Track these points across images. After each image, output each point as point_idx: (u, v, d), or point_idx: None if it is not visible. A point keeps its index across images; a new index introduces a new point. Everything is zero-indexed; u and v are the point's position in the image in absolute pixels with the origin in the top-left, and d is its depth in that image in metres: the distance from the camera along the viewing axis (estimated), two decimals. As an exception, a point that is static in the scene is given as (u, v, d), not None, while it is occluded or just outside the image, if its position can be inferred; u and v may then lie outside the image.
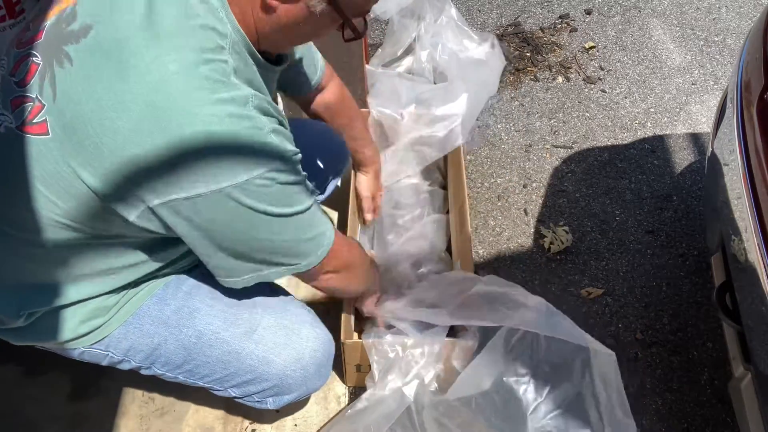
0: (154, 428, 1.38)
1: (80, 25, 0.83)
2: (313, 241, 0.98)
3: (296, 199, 0.92)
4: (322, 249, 0.99)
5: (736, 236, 1.20)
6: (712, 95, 2.34)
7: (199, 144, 0.79)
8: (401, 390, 1.21)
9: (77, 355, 1.08)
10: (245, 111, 0.82)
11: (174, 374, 1.12)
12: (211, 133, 0.79)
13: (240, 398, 1.17)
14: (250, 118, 0.82)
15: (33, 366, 1.46)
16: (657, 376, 1.54)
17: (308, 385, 1.16)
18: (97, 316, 1.03)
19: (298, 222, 0.94)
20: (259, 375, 1.10)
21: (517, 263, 1.79)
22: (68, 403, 1.41)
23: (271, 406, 1.17)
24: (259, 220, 0.88)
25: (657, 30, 2.64)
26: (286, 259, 0.97)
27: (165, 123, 0.78)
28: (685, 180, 2.03)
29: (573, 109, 2.29)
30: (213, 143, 0.79)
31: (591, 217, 1.92)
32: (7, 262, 0.97)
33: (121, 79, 0.79)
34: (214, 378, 1.12)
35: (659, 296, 1.71)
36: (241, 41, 0.86)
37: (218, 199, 0.83)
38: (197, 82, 0.79)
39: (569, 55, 2.51)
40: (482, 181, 2.03)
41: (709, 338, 1.61)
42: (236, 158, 0.82)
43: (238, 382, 1.12)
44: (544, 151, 2.14)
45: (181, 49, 0.79)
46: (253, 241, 0.92)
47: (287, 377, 1.12)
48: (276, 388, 1.13)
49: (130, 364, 1.11)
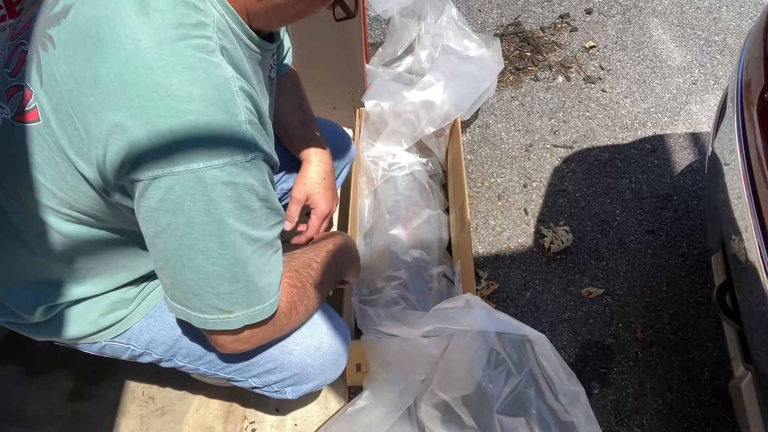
0: (154, 428, 1.38)
1: (61, 7, 0.82)
2: (255, 292, 0.84)
3: (256, 218, 0.81)
4: (260, 308, 0.86)
5: (737, 236, 1.20)
6: (712, 95, 2.34)
7: (163, 122, 0.74)
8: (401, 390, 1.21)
9: (97, 349, 1.08)
10: (219, 93, 0.76)
11: (195, 366, 1.12)
12: (177, 111, 0.74)
13: (260, 388, 1.15)
14: (224, 101, 0.76)
15: (33, 366, 1.46)
16: (657, 375, 1.54)
17: (327, 374, 1.15)
18: (119, 309, 1.03)
19: (249, 253, 0.81)
20: (279, 364, 1.10)
21: (517, 263, 1.79)
22: (68, 403, 1.41)
23: (290, 395, 1.16)
24: (199, 225, 0.77)
25: (657, 29, 2.64)
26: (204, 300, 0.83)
27: (133, 97, 0.74)
28: (685, 180, 2.03)
29: (573, 108, 2.29)
30: (178, 123, 0.74)
31: (591, 216, 1.92)
32: (19, 258, 0.96)
33: (96, 55, 0.76)
34: (235, 368, 1.11)
35: (659, 296, 1.71)
36: (229, 20, 0.82)
37: (171, 184, 0.75)
38: (171, 58, 0.74)
39: (569, 54, 2.51)
40: (482, 180, 2.03)
41: (710, 338, 1.61)
42: (200, 141, 0.74)
43: (259, 372, 1.11)
44: (544, 150, 2.14)
45: (157, 25, 0.76)
46: (184, 251, 0.79)
47: (307, 366, 1.11)
48: (296, 377, 1.12)
49: (151, 356, 1.10)
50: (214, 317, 0.85)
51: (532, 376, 1.14)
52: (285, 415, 1.40)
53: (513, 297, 1.71)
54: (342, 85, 1.83)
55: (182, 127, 0.74)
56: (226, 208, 0.77)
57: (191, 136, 0.74)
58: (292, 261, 1.00)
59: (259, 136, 0.79)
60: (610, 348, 1.60)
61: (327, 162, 1.27)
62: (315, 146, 1.26)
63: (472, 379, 1.14)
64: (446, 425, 1.15)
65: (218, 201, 0.76)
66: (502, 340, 1.16)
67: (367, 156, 1.80)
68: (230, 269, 0.81)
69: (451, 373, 1.17)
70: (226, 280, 0.82)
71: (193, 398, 1.41)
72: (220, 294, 0.83)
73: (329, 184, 1.26)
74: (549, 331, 1.63)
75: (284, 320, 0.94)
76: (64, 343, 1.08)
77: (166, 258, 0.81)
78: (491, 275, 1.76)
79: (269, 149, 0.82)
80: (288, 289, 0.94)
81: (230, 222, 0.78)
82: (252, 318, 0.86)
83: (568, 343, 1.61)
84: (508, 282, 1.75)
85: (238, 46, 0.84)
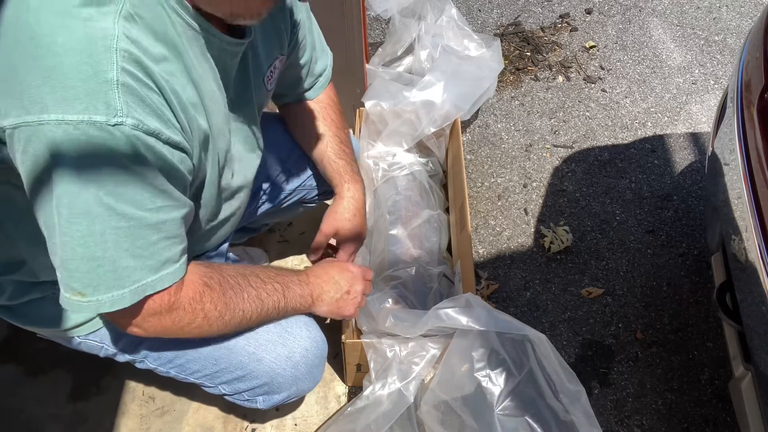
0: (154, 428, 1.38)
1: None
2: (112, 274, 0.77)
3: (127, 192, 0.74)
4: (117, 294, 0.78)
5: (737, 236, 1.20)
6: (712, 95, 2.34)
7: (21, 64, 0.69)
8: (401, 390, 1.21)
9: (75, 344, 1.09)
10: (89, 45, 0.69)
11: (166, 369, 1.12)
12: (37, 55, 0.69)
13: (230, 396, 1.16)
14: (91, 54, 0.69)
15: (33, 366, 1.46)
16: (657, 375, 1.54)
17: (299, 385, 1.14)
18: None
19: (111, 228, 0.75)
20: (249, 372, 1.10)
21: (517, 263, 1.79)
22: (68, 403, 1.41)
23: (261, 405, 1.16)
24: (58, 183, 0.71)
25: (657, 29, 2.64)
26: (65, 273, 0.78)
27: (2, 35, 0.71)
28: (685, 179, 2.03)
29: (573, 108, 2.29)
30: (34, 67, 0.69)
31: (591, 216, 1.92)
32: None
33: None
34: (205, 374, 1.11)
35: (659, 296, 1.71)
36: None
37: (29, 135, 0.70)
38: (53, 3, 0.70)
39: (569, 54, 2.51)
40: (482, 180, 2.03)
41: (710, 338, 1.61)
42: (54, 90, 0.68)
43: (228, 379, 1.12)
44: (544, 150, 2.14)
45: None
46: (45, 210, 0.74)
47: (277, 375, 1.10)
48: (266, 387, 1.12)
49: (124, 356, 1.11)
50: (68, 296, 0.79)
51: (532, 376, 1.14)
52: (285, 415, 1.40)
53: (513, 297, 1.71)
54: (342, 85, 1.83)
55: (39, 72, 0.68)
56: (78, 169, 0.71)
57: (46, 83, 0.68)
58: (228, 267, 0.96)
59: (136, 104, 0.72)
60: (610, 348, 1.60)
61: (359, 198, 1.26)
62: (348, 181, 1.26)
63: (472, 379, 1.14)
64: (446, 425, 1.15)
65: (71, 159, 0.70)
66: (502, 340, 1.15)
67: (367, 156, 1.79)
68: (84, 241, 0.74)
69: (451, 373, 1.17)
70: (79, 256, 0.75)
71: (193, 398, 1.41)
72: (71, 271, 0.76)
73: (360, 221, 1.26)
74: (549, 331, 1.63)
75: (185, 317, 0.88)
76: (46, 336, 1.09)
77: (38, 216, 0.77)
78: (491, 275, 1.76)
79: (154, 123, 0.74)
80: (199, 287, 0.89)
81: (83, 185, 0.72)
82: (108, 306, 0.79)
83: (568, 343, 1.61)
84: (508, 282, 1.75)
85: (171, 21, 0.78)
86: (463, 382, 1.15)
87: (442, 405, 1.17)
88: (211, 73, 0.87)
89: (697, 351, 1.59)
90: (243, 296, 0.95)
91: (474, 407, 1.13)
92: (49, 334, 1.08)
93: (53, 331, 1.05)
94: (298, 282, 1.05)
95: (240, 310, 0.95)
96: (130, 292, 0.79)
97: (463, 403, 1.14)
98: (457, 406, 1.15)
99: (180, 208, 0.82)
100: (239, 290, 0.95)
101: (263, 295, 0.98)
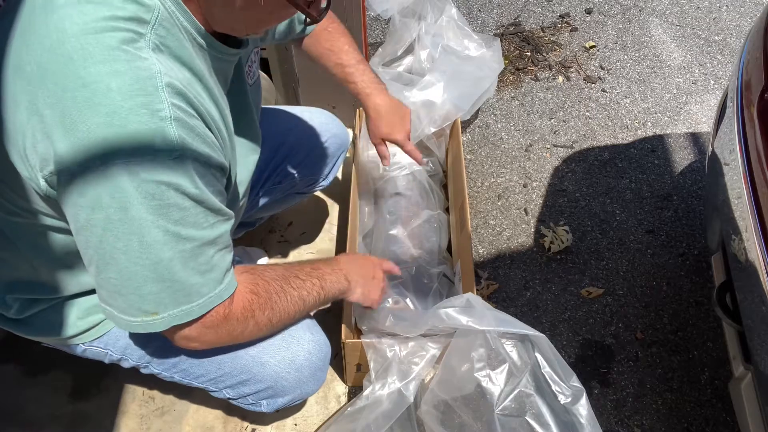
0: (154, 428, 1.38)
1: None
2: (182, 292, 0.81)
3: (189, 217, 0.78)
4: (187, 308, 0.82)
5: (737, 236, 1.20)
6: (712, 95, 2.34)
7: (78, 115, 0.70)
8: (401, 389, 1.21)
9: (80, 352, 1.09)
10: (141, 86, 0.72)
11: (170, 374, 1.13)
12: (92, 104, 0.70)
13: (234, 400, 1.16)
14: (145, 95, 0.71)
15: (33, 366, 1.46)
16: (657, 375, 1.54)
17: (303, 388, 1.15)
18: (94, 313, 1.04)
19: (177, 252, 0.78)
20: (253, 376, 1.10)
21: (517, 263, 1.79)
22: (68, 403, 1.41)
23: (265, 408, 1.16)
24: (119, 223, 0.75)
25: (657, 29, 2.64)
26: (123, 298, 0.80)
27: (50, 87, 0.72)
28: (685, 179, 2.03)
29: (573, 108, 2.29)
30: (93, 117, 0.70)
31: (591, 216, 1.92)
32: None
33: (24, 43, 0.75)
34: (209, 378, 1.12)
35: (659, 296, 1.71)
36: (179, 17, 0.79)
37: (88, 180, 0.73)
38: (93, 48, 0.71)
39: (569, 54, 2.51)
40: (482, 180, 2.03)
41: (710, 338, 1.61)
42: (116, 136, 0.71)
43: (233, 383, 1.12)
44: (544, 150, 2.14)
45: (86, 14, 0.73)
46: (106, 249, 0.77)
47: (281, 379, 1.11)
48: (270, 390, 1.13)
49: (129, 362, 1.12)
50: (138, 320, 0.82)
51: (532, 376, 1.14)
52: (285, 415, 1.40)
53: (513, 297, 1.71)
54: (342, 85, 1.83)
55: (98, 121, 0.70)
56: (147, 206, 0.74)
57: (107, 131, 0.70)
58: (268, 271, 0.98)
59: (188, 135, 0.75)
60: (610, 348, 1.60)
61: (380, 103, 1.39)
62: (367, 96, 1.37)
63: (472, 379, 1.14)
64: (446, 425, 1.15)
65: (137, 198, 0.73)
66: (502, 340, 1.16)
67: (367, 156, 1.79)
68: (154, 268, 0.78)
69: (451, 373, 1.17)
70: (150, 280, 0.79)
71: (193, 398, 1.41)
72: (143, 295, 0.80)
73: (390, 119, 1.39)
74: (549, 331, 1.63)
75: (238, 326, 0.91)
76: (50, 344, 1.10)
77: (90, 255, 0.79)
78: (491, 275, 1.76)
79: (204, 149, 0.78)
80: (248, 296, 0.91)
81: (152, 220, 0.75)
82: (179, 319, 0.83)
83: (568, 343, 1.61)
84: (508, 282, 1.75)
85: (188, 44, 0.81)
86: (463, 382, 1.15)
87: (442, 405, 1.17)
88: (217, 87, 0.89)
89: (697, 351, 1.59)
90: (287, 299, 0.98)
91: (474, 407, 1.13)
92: (55, 343, 1.08)
93: (58, 339, 1.05)
94: (332, 271, 1.08)
95: (285, 313, 0.98)
96: (198, 306, 0.83)
97: (463, 403, 1.14)
98: (457, 406, 1.15)
99: (229, 220, 0.86)
100: (283, 294, 0.97)
101: (304, 294, 1.01)
